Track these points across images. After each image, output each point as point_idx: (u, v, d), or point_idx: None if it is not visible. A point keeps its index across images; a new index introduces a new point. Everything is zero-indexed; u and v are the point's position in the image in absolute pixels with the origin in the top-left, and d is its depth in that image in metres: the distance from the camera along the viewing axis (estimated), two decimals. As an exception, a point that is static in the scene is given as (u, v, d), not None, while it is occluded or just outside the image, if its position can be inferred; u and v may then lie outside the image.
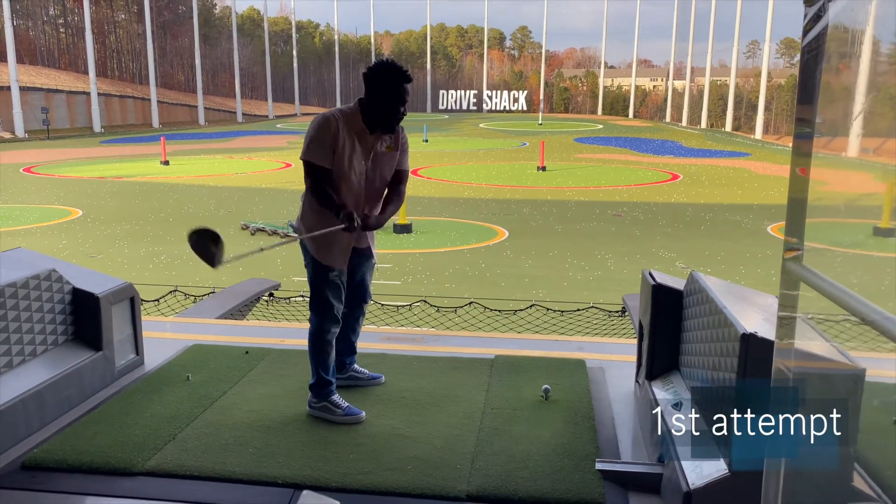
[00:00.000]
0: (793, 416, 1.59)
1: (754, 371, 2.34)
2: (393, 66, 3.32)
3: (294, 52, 68.99)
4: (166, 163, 26.75)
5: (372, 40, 75.24)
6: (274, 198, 19.08)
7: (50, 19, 64.65)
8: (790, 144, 1.56)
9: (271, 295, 7.12)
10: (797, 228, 1.47)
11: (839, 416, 1.62)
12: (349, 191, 3.40)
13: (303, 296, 7.04)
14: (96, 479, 3.02)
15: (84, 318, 3.84)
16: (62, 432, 3.37)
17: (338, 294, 3.54)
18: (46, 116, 42.57)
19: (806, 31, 1.35)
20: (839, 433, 1.62)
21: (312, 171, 3.33)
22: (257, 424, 3.48)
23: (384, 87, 3.29)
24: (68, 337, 3.81)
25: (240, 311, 6.32)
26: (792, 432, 1.61)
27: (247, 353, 4.42)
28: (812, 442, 1.62)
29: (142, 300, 4.76)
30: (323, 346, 3.58)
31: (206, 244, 3.05)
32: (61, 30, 65.56)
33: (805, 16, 1.35)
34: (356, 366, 3.99)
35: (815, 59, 1.36)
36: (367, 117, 3.36)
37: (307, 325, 3.69)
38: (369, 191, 3.48)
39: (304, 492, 1.90)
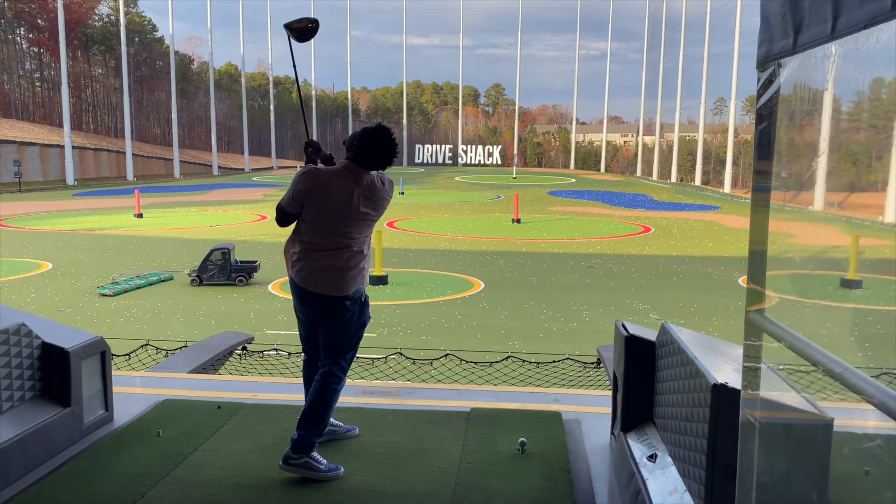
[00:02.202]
0: (759, 466, 1.61)
1: (726, 422, 2.36)
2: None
3: (271, 107, 69.66)
4: (140, 216, 26.60)
5: (349, 96, 76.40)
6: (249, 250, 19.00)
7: (26, 73, 64.81)
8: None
9: (245, 348, 7.04)
10: (759, 279, 1.53)
11: (808, 465, 1.65)
12: None
13: (276, 349, 6.97)
14: (60, 541, 2.92)
15: (53, 373, 3.77)
16: (27, 492, 3.27)
17: None
18: (19, 169, 42.25)
19: (760, 95, 1.43)
20: (808, 482, 1.64)
21: None
22: (229, 481, 3.40)
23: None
24: (36, 393, 3.73)
25: (212, 366, 6.24)
26: (760, 482, 1.63)
27: (219, 407, 4.34)
28: (781, 491, 1.64)
29: (112, 354, 4.68)
30: (336, 399, 3.61)
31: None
32: (37, 83, 65.68)
33: (758, 80, 1.43)
34: (331, 419, 3.95)
35: (769, 119, 1.43)
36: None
37: (280, 379, 3.68)
38: None
39: None
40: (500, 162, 68.26)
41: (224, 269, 14.24)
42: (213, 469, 3.54)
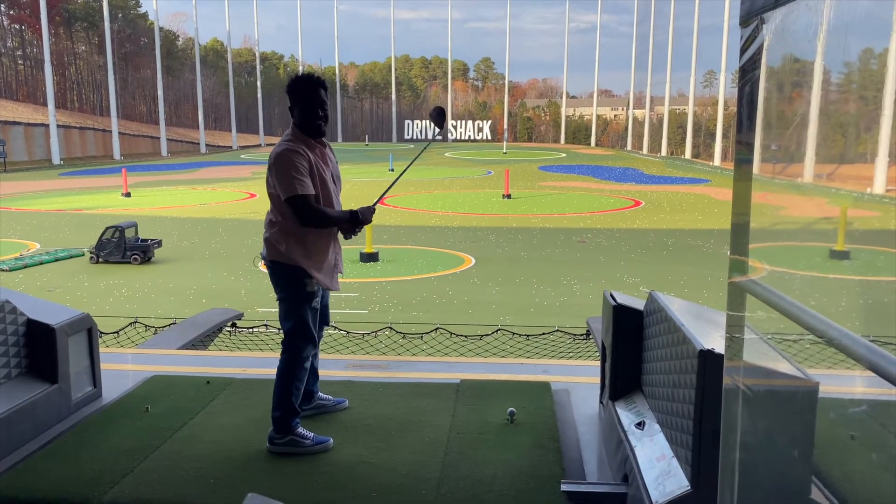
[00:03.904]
0: (745, 431, 1.61)
1: (712, 388, 2.37)
2: (308, 76, 3.56)
3: (258, 83, 68.93)
4: (128, 195, 26.38)
5: (336, 71, 75.59)
6: (238, 228, 18.92)
7: (8, 51, 63.81)
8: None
9: (234, 325, 7.02)
10: (741, 249, 1.52)
11: (793, 430, 1.65)
12: (330, 206, 3.50)
13: (266, 325, 6.96)
14: (50, 516, 2.92)
15: (39, 350, 3.74)
16: (15, 468, 3.26)
17: (315, 318, 3.56)
18: (3, 149, 41.73)
19: (743, 51, 1.41)
20: (794, 447, 1.65)
21: (302, 202, 3.33)
22: (218, 455, 3.41)
23: (307, 94, 3.49)
24: (22, 370, 3.71)
25: (202, 342, 6.22)
26: (745, 447, 1.63)
27: (208, 383, 4.34)
28: (766, 456, 1.65)
29: (101, 332, 4.66)
30: (300, 374, 3.54)
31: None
32: (20, 62, 64.71)
33: (741, 37, 1.41)
34: (320, 393, 3.95)
35: (753, 78, 1.41)
36: (306, 130, 3.48)
37: (270, 354, 3.67)
38: (337, 198, 3.63)
39: (249, 494, 1.86)
40: (490, 137, 67.98)
41: (119, 247, 14.44)
42: (203, 443, 3.54)
